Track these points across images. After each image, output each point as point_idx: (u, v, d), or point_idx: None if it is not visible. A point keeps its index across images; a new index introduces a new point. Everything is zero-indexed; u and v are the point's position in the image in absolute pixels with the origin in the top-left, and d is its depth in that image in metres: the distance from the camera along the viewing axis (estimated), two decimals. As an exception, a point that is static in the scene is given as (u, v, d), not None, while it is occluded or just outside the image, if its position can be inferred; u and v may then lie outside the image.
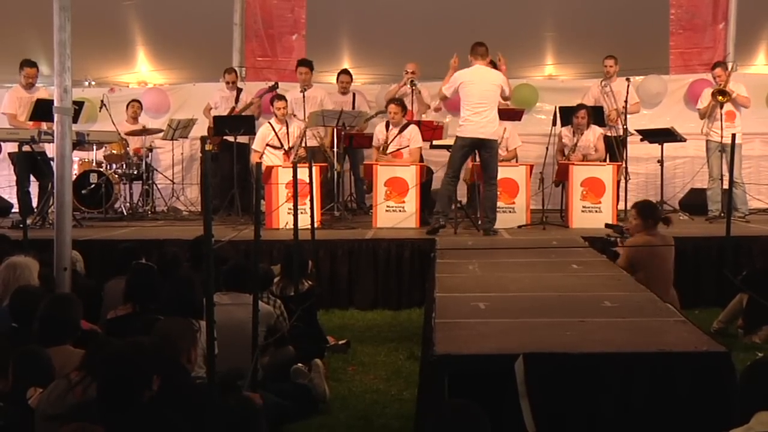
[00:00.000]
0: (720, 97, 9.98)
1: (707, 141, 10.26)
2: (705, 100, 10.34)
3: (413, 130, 10.03)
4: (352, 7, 13.71)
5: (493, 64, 9.99)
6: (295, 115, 10.56)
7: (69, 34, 6.40)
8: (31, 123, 9.78)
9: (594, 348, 4.12)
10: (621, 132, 10.49)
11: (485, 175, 8.99)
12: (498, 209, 9.49)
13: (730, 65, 10.76)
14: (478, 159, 9.11)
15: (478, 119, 8.79)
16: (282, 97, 10.43)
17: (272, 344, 5.65)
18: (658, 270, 6.77)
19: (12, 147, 9.98)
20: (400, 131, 10.02)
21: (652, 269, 6.72)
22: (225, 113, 11.38)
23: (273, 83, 11.40)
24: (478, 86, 8.87)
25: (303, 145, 10.18)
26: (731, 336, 6.96)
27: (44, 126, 9.27)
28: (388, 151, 10.01)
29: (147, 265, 6.28)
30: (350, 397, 5.71)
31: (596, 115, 10.46)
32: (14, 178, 10.41)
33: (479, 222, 9.16)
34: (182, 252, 6.93)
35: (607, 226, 8.16)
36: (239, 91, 11.67)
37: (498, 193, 9.20)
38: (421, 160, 10.11)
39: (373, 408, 5.48)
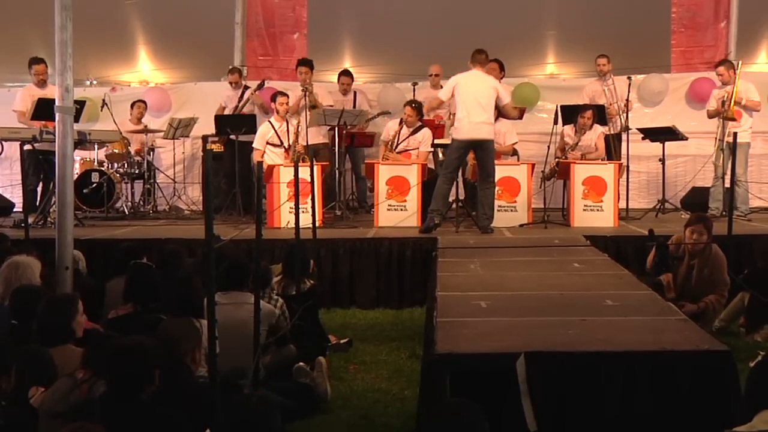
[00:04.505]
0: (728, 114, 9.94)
1: (716, 140, 10.21)
2: (713, 101, 10.28)
3: (426, 133, 10.04)
4: (353, 6, 13.72)
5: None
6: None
7: (70, 33, 6.40)
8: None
9: (595, 347, 4.13)
10: (617, 130, 10.51)
11: (482, 174, 9.01)
12: (499, 208, 9.50)
13: (736, 63, 10.63)
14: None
15: (472, 120, 8.81)
16: (284, 93, 10.43)
17: (274, 343, 5.66)
18: None
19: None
20: (413, 132, 10.03)
21: None
22: (230, 112, 11.39)
23: (260, 82, 11.46)
24: (473, 88, 8.90)
25: (301, 141, 10.17)
26: (733, 335, 6.94)
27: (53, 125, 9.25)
28: (396, 150, 10.01)
29: (146, 264, 6.29)
30: (352, 396, 5.70)
31: (599, 114, 10.46)
32: (15, 177, 10.39)
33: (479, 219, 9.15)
34: (183, 251, 6.95)
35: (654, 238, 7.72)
36: (245, 88, 11.66)
37: (496, 191, 9.24)
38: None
39: (374, 407, 5.47)
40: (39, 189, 10.56)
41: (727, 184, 9.94)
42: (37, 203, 10.18)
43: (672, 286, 7.07)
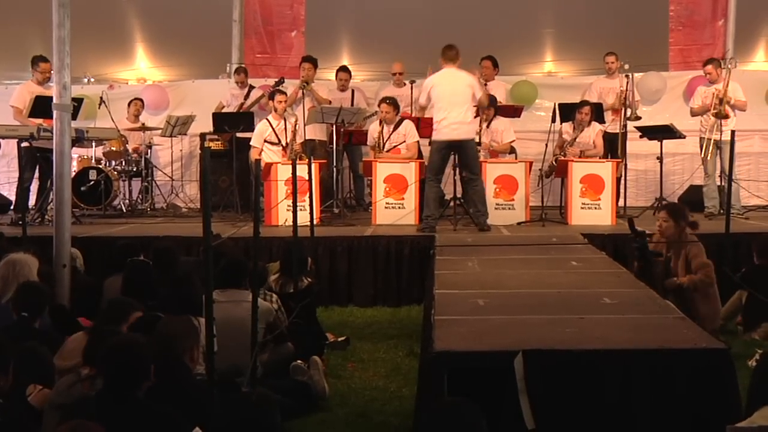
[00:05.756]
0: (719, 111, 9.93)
1: (700, 138, 10.22)
2: (698, 98, 10.30)
3: (408, 125, 10.04)
4: (351, 3, 13.73)
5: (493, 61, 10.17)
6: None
7: (68, 30, 6.41)
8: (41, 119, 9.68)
9: (593, 345, 4.12)
10: (621, 127, 10.55)
11: (468, 173, 9.02)
12: (497, 206, 9.53)
13: (727, 62, 10.63)
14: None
15: (451, 121, 8.79)
16: (282, 92, 10.43)
17: (271, 341, 5.66)
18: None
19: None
20: (395, 128, 10.03)
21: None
22: (235, 110, 11.40)
23: (279, 78, 11.41)
24: (448, 87, 8.87)
25: (299, 140, 10.16)
26: (730, 333, 6.96)
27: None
28: (384, 149, 10.02)
29: (143, 262, 6.29)
30: (349, 394, 5.70)
31: (596, 112, 10.45)
32: (12, 175, 10.38)
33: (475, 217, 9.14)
34: (180, 249, 6.95)
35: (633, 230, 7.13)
36: (250, 88, 11.70)
37: (495, 189, 9.40)
38: (420, 155, 10.13)
39: (372, 405, 5.47)
40: (33, 187, 10.51)
41: (721, 182, 10.00)
42: (32, 200, 10.16)
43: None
